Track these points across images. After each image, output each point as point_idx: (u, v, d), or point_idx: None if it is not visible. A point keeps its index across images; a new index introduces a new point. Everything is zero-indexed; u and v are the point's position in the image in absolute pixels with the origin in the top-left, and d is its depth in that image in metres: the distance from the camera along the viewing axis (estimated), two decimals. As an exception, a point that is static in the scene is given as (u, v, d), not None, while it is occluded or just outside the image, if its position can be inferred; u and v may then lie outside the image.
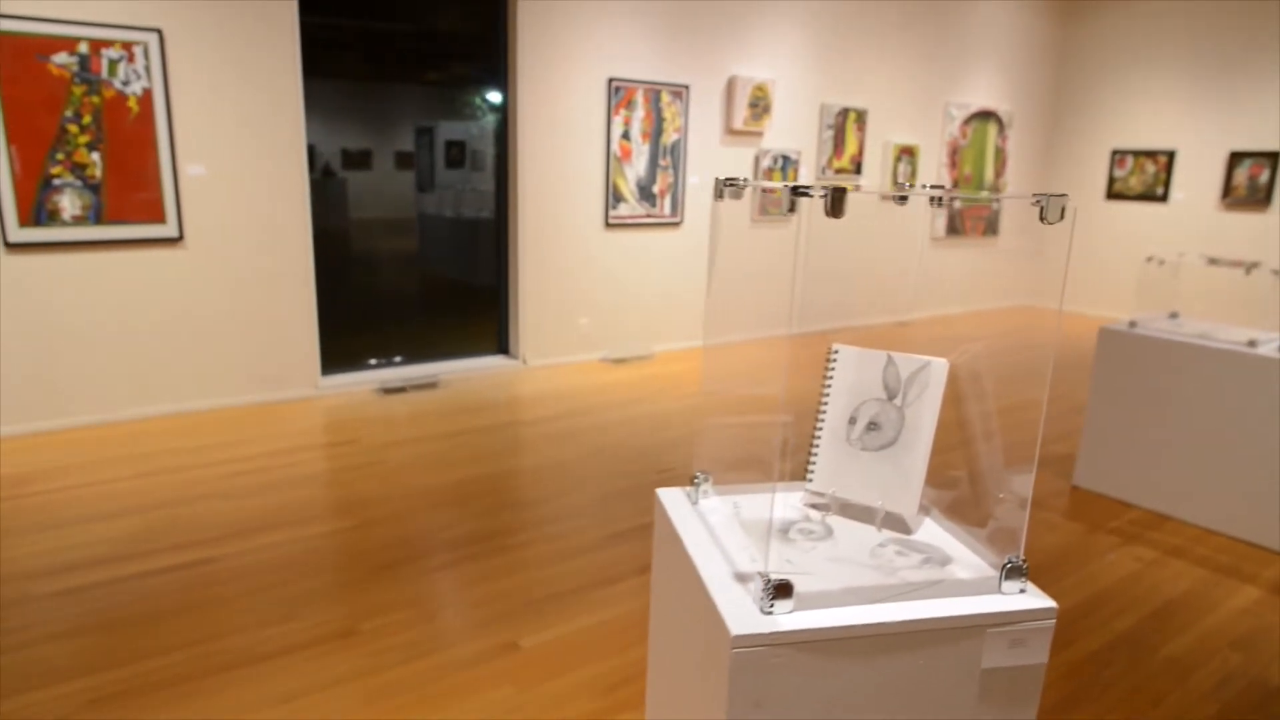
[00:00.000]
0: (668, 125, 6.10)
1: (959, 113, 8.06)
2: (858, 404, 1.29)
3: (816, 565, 1.11)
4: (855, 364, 1.31)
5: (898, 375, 1.26)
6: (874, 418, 1.26)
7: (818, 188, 1.03)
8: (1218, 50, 7.75)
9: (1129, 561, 3.29)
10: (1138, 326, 3.84)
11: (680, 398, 5.30)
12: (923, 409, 1.24)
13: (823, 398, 1.33)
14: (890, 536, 1.21)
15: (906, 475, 1.21)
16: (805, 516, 1.27)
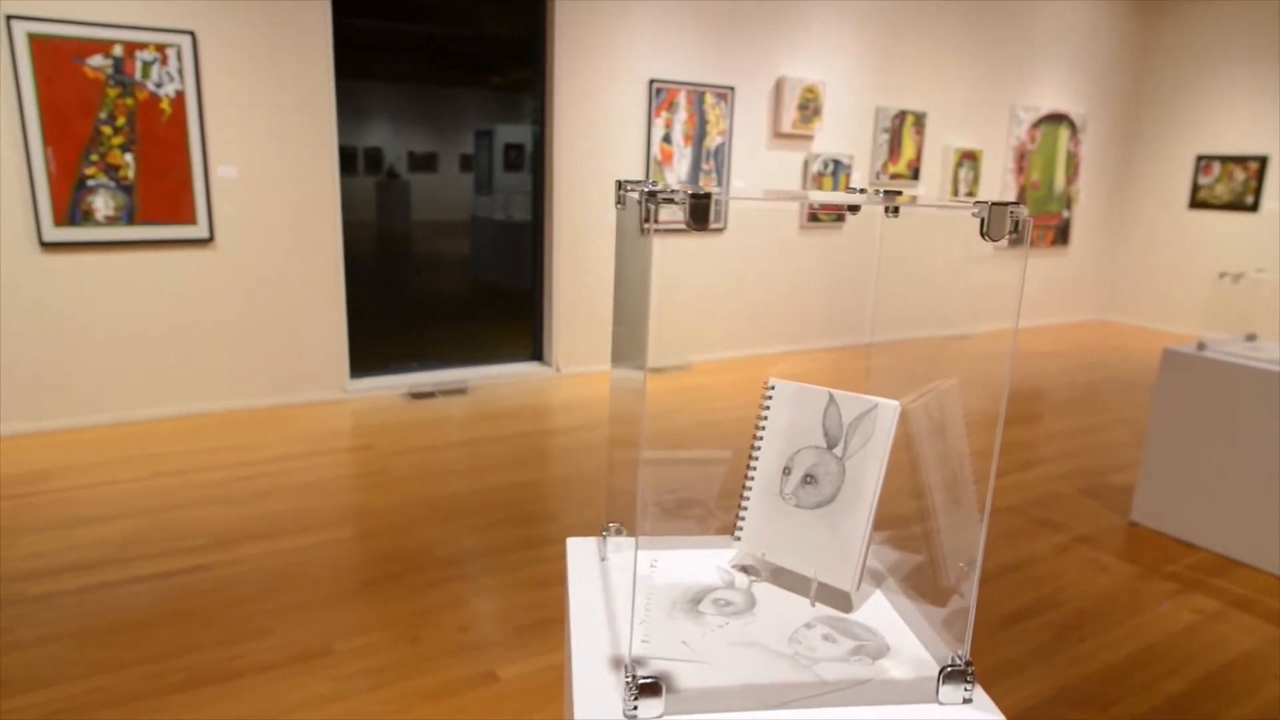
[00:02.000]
0: (711, 128, 5.90)
1: (1027, 116, 7.63)
2: (794, 451, 1.09)
3: (718, 650, 0.91)
4: (793, 402, 1.11)
5: (839, 419, 1.06)
6: (810, 469, 1.06)
7: (682, 193, 0.84)
8: (1319, 48, 7.13)
9: (1187, 613, 2.95)
10: (1207, 349, 3.48)
11: (712, 410, 5.09)
12: (867, 461, 1.03)
13: (755, 441, 1.13)
14: (823, 615, 1.00)
15: (845, 542, 1.00)
16: (729, 582, 1.07)
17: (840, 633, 0.94)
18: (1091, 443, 4.80)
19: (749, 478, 1.11)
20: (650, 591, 1.04)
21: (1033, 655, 2.65)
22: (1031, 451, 4.61)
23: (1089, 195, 8.45)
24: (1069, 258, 8.46)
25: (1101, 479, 4.22)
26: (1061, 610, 2.93)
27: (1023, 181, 7.79)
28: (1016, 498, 3.93)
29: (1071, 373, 6.47)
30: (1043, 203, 8.01)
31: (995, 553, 3.35)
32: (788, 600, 1.03)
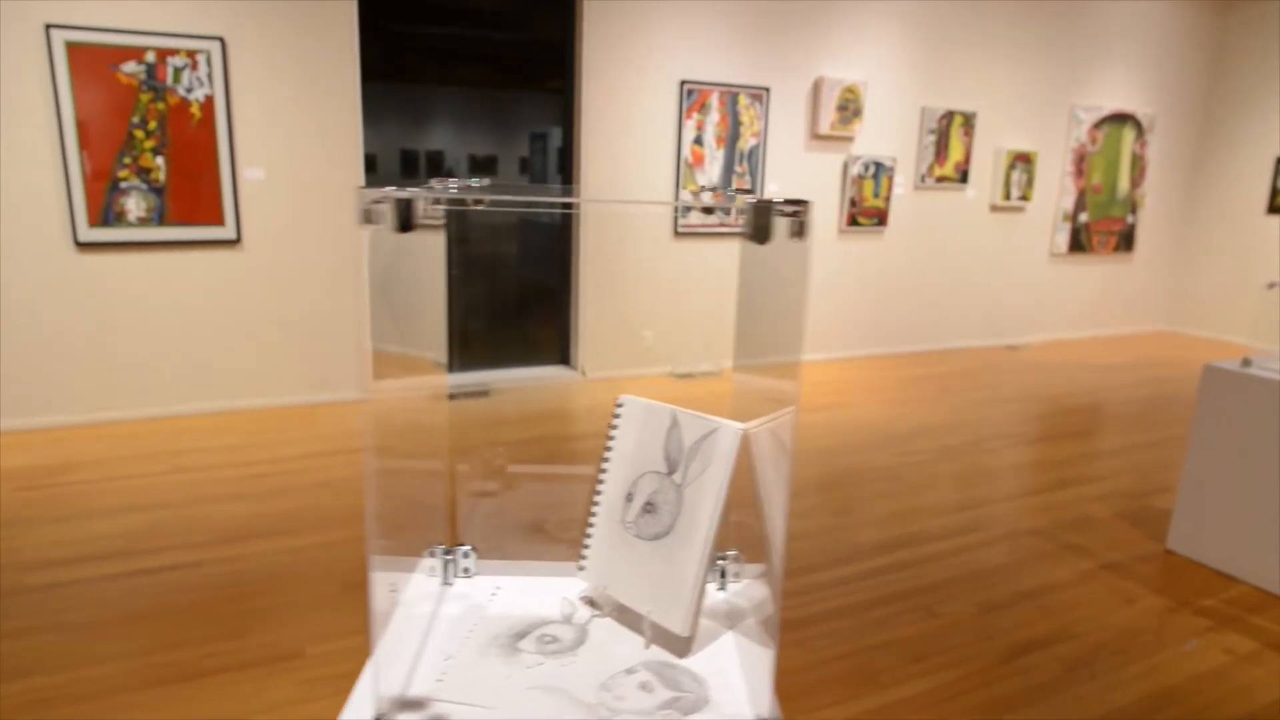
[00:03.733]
0: (745, 130, 5.77)
1: (1087, 116, 7.26)
2: (637, 476, 0.99)
3: (515, 695, 0.83)
4: (641, 422, 1.01)
5: (680, 443, 0.96)
6: (651, 497, 0.96)
7: (388, 198, 0.76)
8: None
9: (1216, 653, 2.72)
10: (1252, 366, 3.21)
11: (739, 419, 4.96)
12: (704, 490, 0.93)
13: (603, 462, 1.04)
14: (652, 660, 0.91)
15: (679, 578, 0.90)
16: (568, 616, 0.99)
17: (662, 681, 0.85)
18: (1138, 462, 4.51)
19: (595, 503, 1.02)
20: (480, 622, 0.96)
21: (1035, 692, 2.47)
22: (1071, 470, 4.36)
23: (1156, 199, 8.00)
24: (1134, 264, 8.03)
25: (1143, 502, 3.95)
26: (1075, 644, 2.73)
27: (1082, 185, 7.42)
28: (1047, 519, 3.71)
29: (1129, 387, 6.12)
30: (1105, 207, 7.62)
31: (1012, 579, 3.15)
32: (622, 640, 0.94)
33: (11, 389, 4.34)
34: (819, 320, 6.44)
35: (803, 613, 2.84)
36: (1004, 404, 5.53)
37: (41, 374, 4.36)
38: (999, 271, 7.22)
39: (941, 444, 4.67)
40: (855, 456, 4.41)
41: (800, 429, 4.83)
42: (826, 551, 3.31)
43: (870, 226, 6.41)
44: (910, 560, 3.27)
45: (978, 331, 7.26)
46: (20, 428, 4.38)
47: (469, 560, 1.08)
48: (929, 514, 3.71)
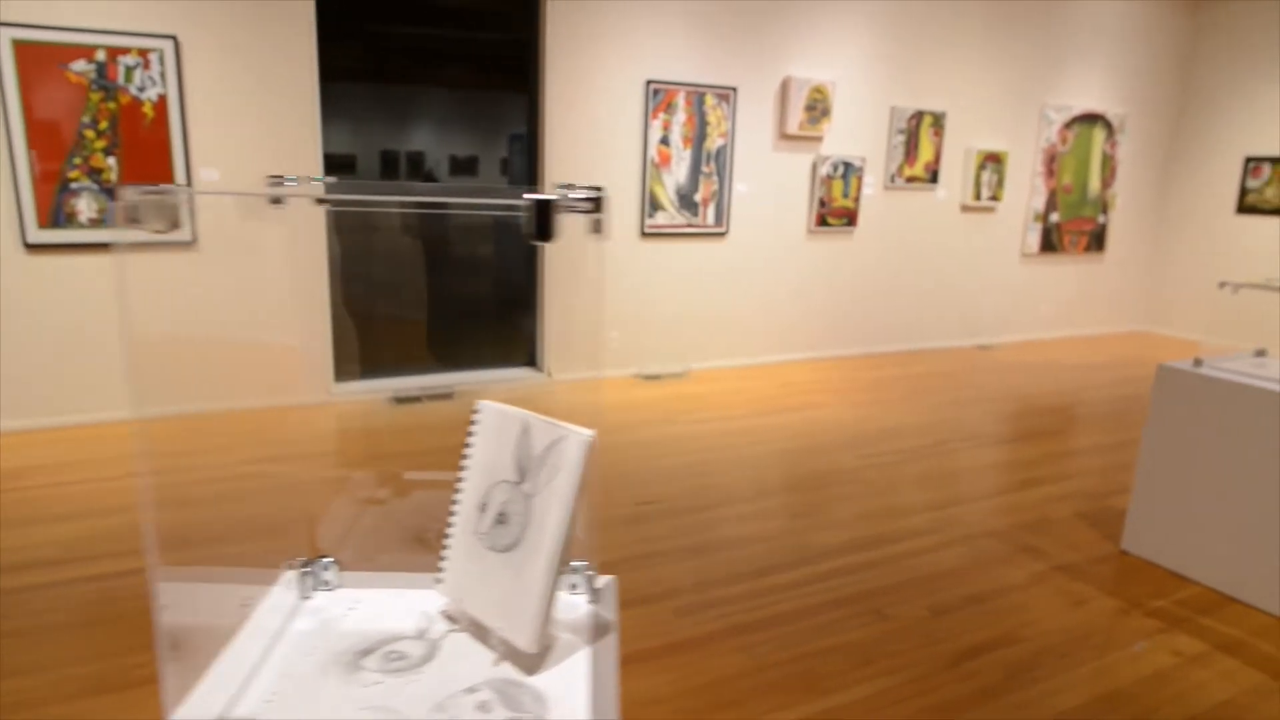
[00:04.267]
0: (712, 130, 5.74)
1: (1058, 116, 7.27)
2: (490, 485, 0.95)
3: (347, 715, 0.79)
4: (496, 429, 0.97)
5: (529, 450, 0.92)
6: (503, 506, 0.92)
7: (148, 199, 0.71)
8: (1380, 41, 6.64)
9: (1164, 655, 2.70)
10: (1204, 366, 3.20)
11: (705, 420, 4.93)
12: (551, 500, 0.89)
13: (460, 471, 1.00)
14: (496, 678, 0.87)
15: (526, 591, 0.86)
16: (423, 631, 0.94)
17: (504, 701, 0.81)
18: (1102, 463, 4.50)
19: (452, 514, 0.98)
20: (329, 639, 0.92)
21: (978, 697, 2.44)
22: (1035, 471, 4.34)
23: (1127, 199, 8.02)
24: (1106, 264, 8.04)
25: (1103, 503, 3.94)
26: (1020, 648, 2.70)
27: (1053, 185, 7.43)
28: (1006, 521, 3.69)
29: (1099, 387, 6.13)
30: (1076, 207, 7.63)
31: (965, 581, 3.13)
32: (473, 656, 0.89)
33: (-41, 394, 4.26)
34: (789, 321, 6.42)
35: (752, 617, 2.81)
36: (973, 405, 5.52)
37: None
38: (971, 271, 7.21)
39: (908, 445, 4.64)
40: (820, 458, 4.38)
41: (767, 430, 4.80)
42: (783, 554, 3.27)
43: (840, 227, 6.39)
44: (866, 563, 3.24)
45: (950, 332, 7.25)
46: (-31, 433, 4.30)
47: (330, 573, 1.04)
48: (889, 516, 3.69)
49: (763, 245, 6.16)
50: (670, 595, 2.93)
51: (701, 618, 2.79)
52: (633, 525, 3.49)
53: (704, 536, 3.41)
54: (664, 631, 2.70)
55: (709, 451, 4.42)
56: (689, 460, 4.28)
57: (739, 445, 4.54)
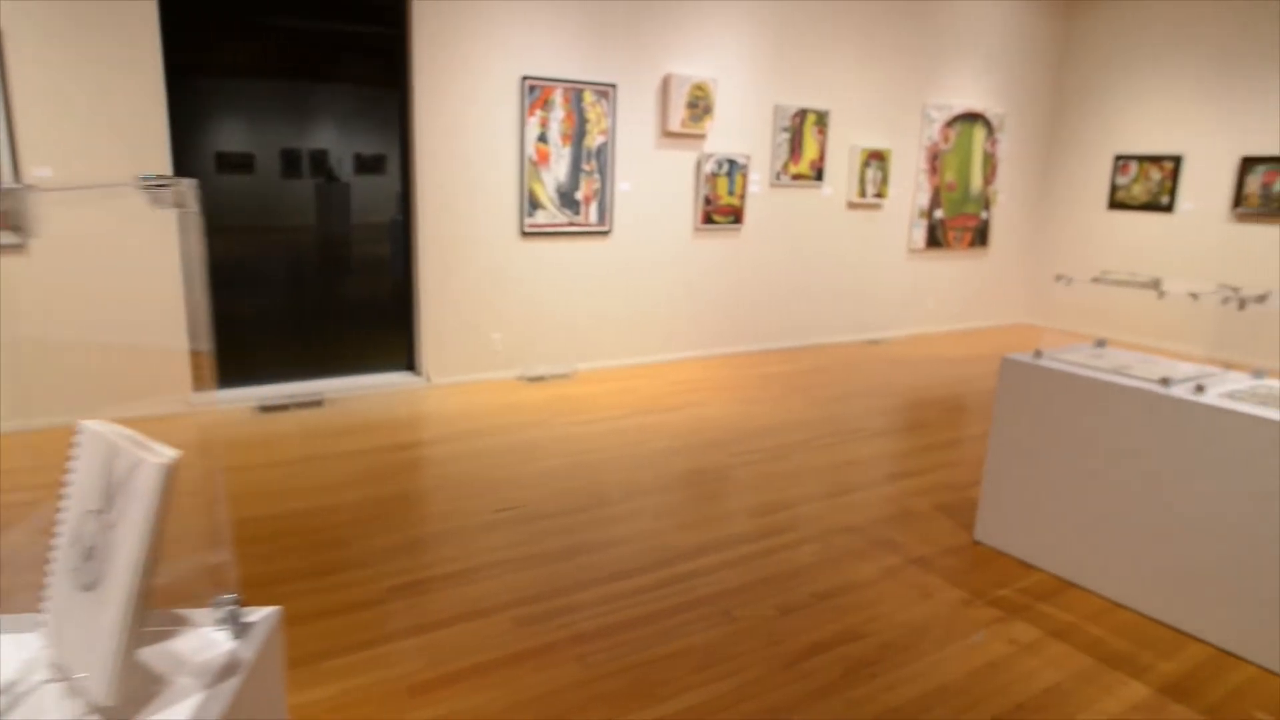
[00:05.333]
0: (592, 127, 5.66)
1: (939, 115, 7.44)
2: (80, 514, 0.84)
3: None
4: (93, 453, 0.86)
5: (113, 475, 0.81)
6: (91, 539, 0.81)
7: None
8: (1229, 48, 6.99)
9: (1000, 644, 2.73)
10: (1044, 357, 3.27)
11: (584, 421, 4.84)
12: (128, 532, 0.78)
13: (60, 500, 0.89)
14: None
15: (101, 636, 0.76)
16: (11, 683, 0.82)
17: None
18: (968, 454, 4.59)
19: (52, 548, 0.87)
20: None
21: (811, 696, 2.42)
22: (903, 464, 4.40)
23: (1008, 196, 8.28)
24: (989, 259, 8.29)
25: (963, 494, 4.00)
26: (863, 643, 2.70)
27: (937, 182, 7.60)
28: (865, 516, 3.71)
29: (978, 379, 6.28)
30: (959, 204, 7.83)
31: (817, 578, 3.12)
32: (56, 712, 0.78)
33: None
34: (677, 319, 6.39)
35: (596, 625, 2.73)
36: (854, 399, 5.58)
37: None
38: (859, 267, 7.32)
39: (783, 441, 4.65)
40: (694, 457, 4.35)
41: (647, 430, 4.75)
42: (640, 558, 3.21)
43: (726, 224, 6.40)
44: (721, 563, 3.20)
45: (840, 327, 7.35)
46: None
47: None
48: (748, 515, 3.67)
49: (648, 244, 6.12)
50: (513, 605, 2.83)
51: (543, 628, 2.71)
52: (486, 533, 3.37)
53: (561, 542, 3.32)
54: (500, 644, 2.60)
55: (584, 454, 4.34)
56: (562, 463, 4.19)
57: (616, 446, 4.47)
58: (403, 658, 2.52)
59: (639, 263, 6.11)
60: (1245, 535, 2.65)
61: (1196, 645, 2.76)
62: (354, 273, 5.50)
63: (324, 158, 5.25)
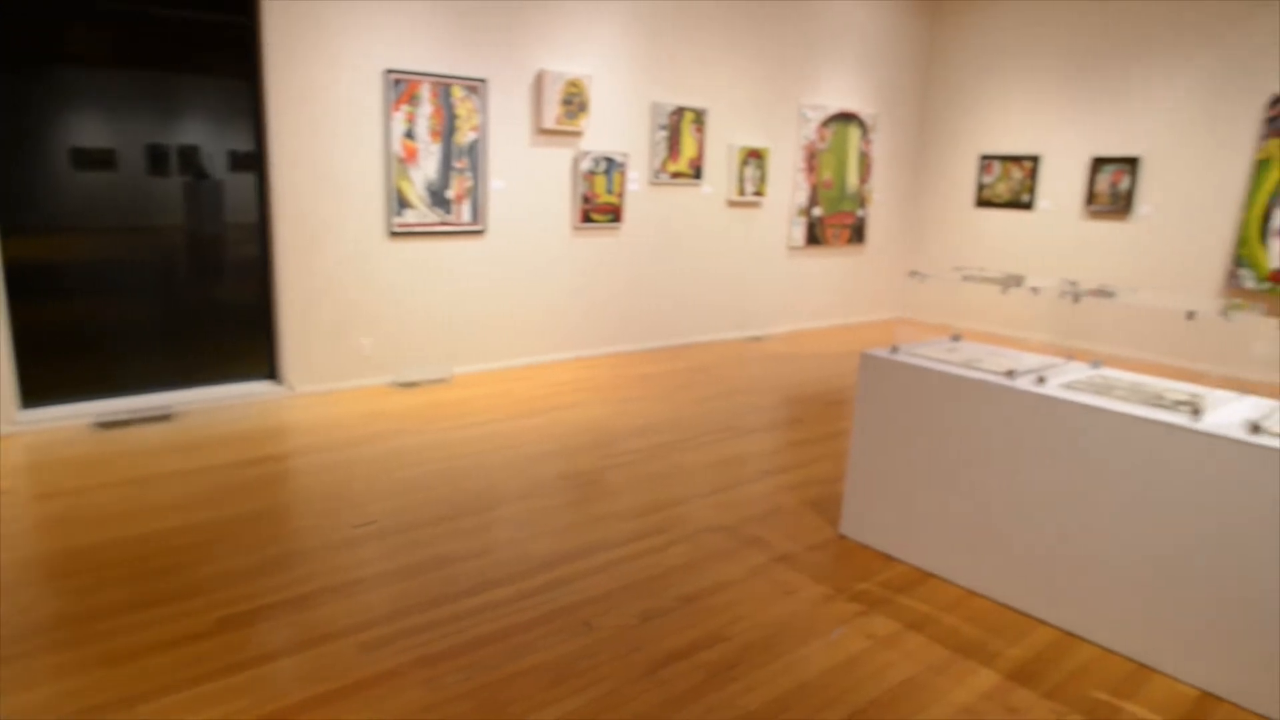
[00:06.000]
0: (462, 123, 5.48)
1: (815, 115, 7.59)
2: None
3: None
4: None
5: None
6: None
7: None
8: (1083, 52, 7.39)
9: (858, 639, 2.74)
10: (900, 352, 3.32)
11: (458, 427, 4.67)
12: None
13: None
14: None
15: None
16: None
17: None
18: (841, 448, 4.66)
19: None
20: None
21: (669, 704, 2.36)
22: (775, 460, 4.42)
23: (884, 194, 8.52)
24: (866, 256, 8.52)
25: (833, 488, 4.05)
26: (725, 646, 2.66)
27: (814, 181, 7.75)
28: (736, 514, 3.69)
29: (854, 374, 6.41)
30: (836, 202, 8.01)
31: (681, 582, 3.07)
32: None
33: None
34: (556, 320, 6.28)
35: (447, 644, 2.60)
36: (733, 396, 5.60)
37: None
38: (739, 265, 7.39)
39: (660, 441, 4.61)
40: (566, 461, 4.24)
41: (520, 434, 4.61)
42: (498, 570, 3.08)
43: (605, 223, 6.32)
44: (582, 571, 3.11)
45: (722, 325, 7.39)
46: None
47: None
48: (618, 519, 3.59)
49: (525, 243, 5.98)
50: (360, 628, 2.66)
51: (389, 651, 2.55)
52: (340, 551, 3.18)
53: (416, 556, 3.16)
54: (340, 673, 2.44)
55: (454, 460, 4.18)
56: (430, 471, 4.02)
57: (488, 451, 4.33)
58: (230, 695, 2.32)
59: (516, 263, 5.96)
60: (1084, 520, 2.74)
61: (1043, 629, 2.85)
62: (218, 275, 5.15)
63: (194, 154, 4.89)
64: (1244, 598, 2.43)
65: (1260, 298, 6.55)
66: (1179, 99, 6.85)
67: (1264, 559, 2.38)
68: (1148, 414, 2.58)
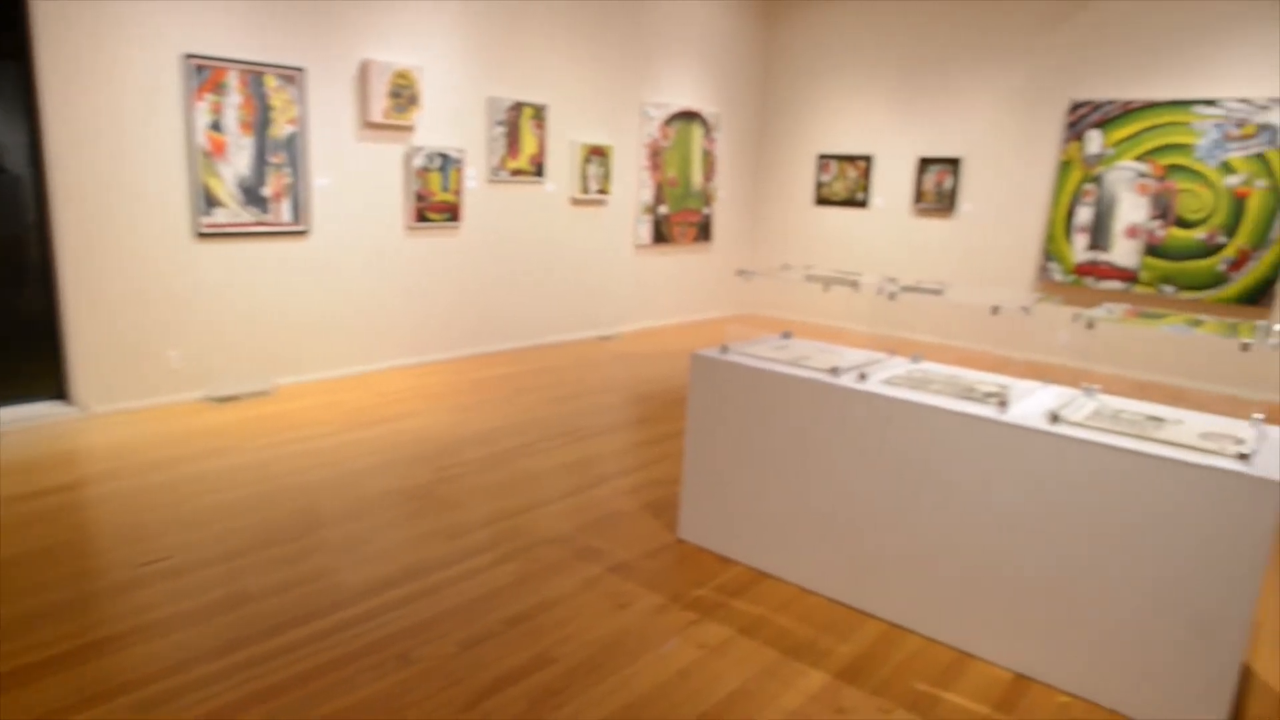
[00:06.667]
0: (278, 115, 5.08)
1: (657, 113, 7.58)
2: None
3: None
4: None
5: None
6: None
7: None
8: (911, 55, 7.73)
9: (690, 650, 2.67)
10: (729, 352, 3.29)
11: (278, 444, 4.30)
12: None
13: None
14: None
15: None
16: None
17: None
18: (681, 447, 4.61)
19: None
20: None
21: (486, 742, 2.19)
22: (616, 463, 4.32)
23: (729, 192, 8.64)
24: (713, 252, 8.61)
25: (673, 489, 3.99)
26: (552, 669, 2.52)
27: (659, 178, 7.74)
28: (573, 523, 3.56)
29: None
30: (682, 200, 8.04)
31: (511, 601, 2.90)
32: None
33: None
34: (392, 324, 5.96)
35: (239, 694, 2.32)
36: (578, 398, 5.48)
37: None
38: (586, 264, 7.28)
39: (496, 450, 4.41)
40: (396, 476, 3.98)
41: (347, 449, 4.30)
42: (304, 604, 2.82)
43: (442, 222, 6.05)
44: (403, 598, 2.89)
45: (570, 325, 7.26)
46: None
47: None
48: (447, 536, 3.39)
49: (354, 243, 5.62)
50: (134, 686, 2.35)
51: (168, 710, 2.25)
52: (121, 595, 2.82)
53: (213, 595, 2.84)
54: (104, 740, 2.13)
55: (270, 481, 3.83)
56: (241, 495, 3.66)
57: (308, 470, 4.00)
58: (-40, 780, 1.97)
59: (345, 265, 5.60)
60: (905, 512, 2.78)
61: (872, 623, 2.87)
62: (10, 283, 4.53)
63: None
64: (1049, 581, 2.52)
65: (1066, 290, 7.06)
66: (994, 103, 7.28)
67: (1066, 543, 2.47)
68: (959, 407, 2.64)
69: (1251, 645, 2.85)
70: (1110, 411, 2.65)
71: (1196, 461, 2.23)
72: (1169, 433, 2.45)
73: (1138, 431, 2.44)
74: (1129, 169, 6.61)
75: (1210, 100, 6.22)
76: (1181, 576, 2.28)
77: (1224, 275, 6.30)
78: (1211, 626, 2.25)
